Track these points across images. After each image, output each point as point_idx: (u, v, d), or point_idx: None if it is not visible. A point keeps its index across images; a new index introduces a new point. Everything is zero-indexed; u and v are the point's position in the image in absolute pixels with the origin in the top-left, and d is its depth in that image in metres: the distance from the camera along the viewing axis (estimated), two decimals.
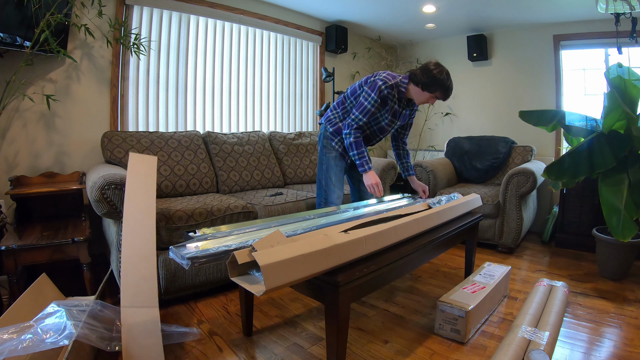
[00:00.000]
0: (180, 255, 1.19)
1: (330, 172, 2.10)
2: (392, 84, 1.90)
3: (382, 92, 1.89)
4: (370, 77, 1.99)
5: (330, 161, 2.11)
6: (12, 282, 1.69)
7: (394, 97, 1.94)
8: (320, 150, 2.17)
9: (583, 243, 2.82)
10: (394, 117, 2.03)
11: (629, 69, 2.24)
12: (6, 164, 2.16)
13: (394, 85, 1.91)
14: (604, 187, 2.14)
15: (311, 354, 1.51)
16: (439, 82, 1.86)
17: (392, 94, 1.92)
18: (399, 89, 1.93)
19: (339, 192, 2.10)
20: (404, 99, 1.98)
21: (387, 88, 1.89)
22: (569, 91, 3.44)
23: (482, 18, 3.47)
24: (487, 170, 3.38)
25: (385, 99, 1.91)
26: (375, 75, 1.96)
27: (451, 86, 1.91)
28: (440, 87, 1.87)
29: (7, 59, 2.05)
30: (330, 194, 2.09)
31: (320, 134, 2.18)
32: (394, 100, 1.95)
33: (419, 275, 2.37)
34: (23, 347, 1.03)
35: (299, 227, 1.52)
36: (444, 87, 1.87)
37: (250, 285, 1.15)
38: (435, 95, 1.90)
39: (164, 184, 2.35)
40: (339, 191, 2.10)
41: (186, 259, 1.15)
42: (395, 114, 2.02)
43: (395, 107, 1.98)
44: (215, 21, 3.03)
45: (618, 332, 1.67)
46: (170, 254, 1.24)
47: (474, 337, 1.61)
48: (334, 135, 2.10)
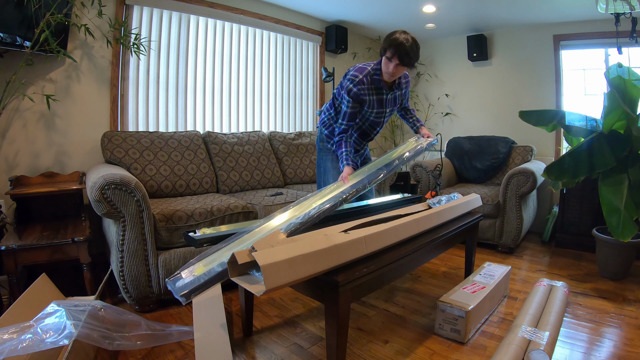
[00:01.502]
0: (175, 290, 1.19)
1: (328, 175, 2.08)
2: (361, 78, 1.80)
3: (351, 91, 1.81)
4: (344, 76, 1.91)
5: (327, 163, 2.08)
6: (12, 282, 1.69)
7: (369, 89, 1.84)
8: (318, 153, 2.16)
9: (583, 243, 2.82)
10: (381, 108, 1.93)
11: (629, 69, 2.24)
12: (6, 164, 2.16)
13: (364, 79, 1.81)
14: (604, 187, 2.14)
15: (311, 354, 1.51)
16: (389, 40, 1.70)
17: (363, 88, 1.82)
18: (373, 78, 1.83)
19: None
20: (383, 84, 1.86)
21: (356, 85, 1.81)
22: (569, 91, 3.44)
23: (482, 18, 3.47)
24: (487, 170, 3.38)
25: (358, 96, 1.82)
26: (346, 75, 1.87)
27: (404, 44, 1.68)
28: (390, 44, 1.69)
29: (7, 59, 2.05)
30: None
31: (317, 137, 2.17)
32: (370, 93, 1.85)
33: (419, 275, 2.37)
34: (23, 347, 1.03)
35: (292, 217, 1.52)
36: (393, 43, 1.68)
37: (250, 285, 1.15)
38: (387, 57, 1.72)
39: (164, 184, 2.35)
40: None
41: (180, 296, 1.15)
42: (381, 103, 1.91)
43: (373, 98, 1.87)
44: (215, 21, 3.03)
45: (618, 332, 1.67)
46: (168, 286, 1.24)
47: (474, 337, 1.61)
48: (329, 137, 2.07)
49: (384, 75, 1.81)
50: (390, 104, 1.97)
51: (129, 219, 1.74)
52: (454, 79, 4.12)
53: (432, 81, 4.28)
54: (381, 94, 1.89)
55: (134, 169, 2.27)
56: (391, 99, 1.95)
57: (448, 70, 4.17)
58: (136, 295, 1.79)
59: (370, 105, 1.89)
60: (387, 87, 1.89)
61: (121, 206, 1.71)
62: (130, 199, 1.72)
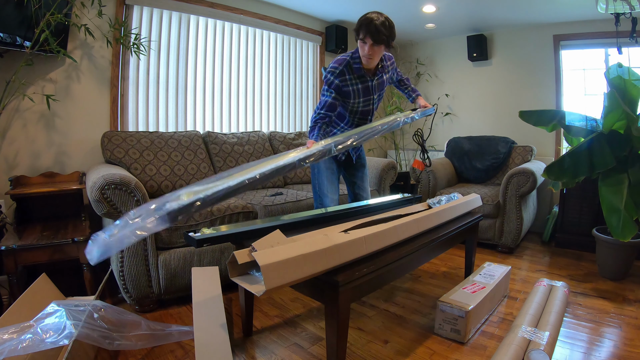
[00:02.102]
0: (163, 214, 1.01)
1: (321, 176, 2.03)
2: (341, 69, 1.79)
3: (332, 83, 1.80)
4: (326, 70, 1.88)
5: (321, 164, 2.03)
6: (12, 282, 1.69)
7: (351, 79, 1.82)
8: None
9: (583, 243, 2.82)
10: (368, 95, 1.90)
11: (629, 69, 2.24)
12: (6, 164, 2.16)
13: (344, 70, 1.80)
14: (604, 187, 2.14)
15: (311, 354, 1.51)
16: (360, 20, 1.70)
17: (345, 79, 1.81)
18: (353, 67, 1.81)
19: (332, 195, 2.02)
20: (365, 72, 1.84)
21: (337, 77, 1.79)
22: (569, 91, 3.44)
23: (482, 18, 3.47)
24: (487, 170, 3.38)
25: (340, 88, 1.81)
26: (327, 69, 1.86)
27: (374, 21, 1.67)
28: (361, 24, 1.70)
29: (7, 59, 2.05)
30: (323, 198, 2.02)
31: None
32: (353, 83, 1.83)
33: (419, 275, 2.37)
34: (23, 347, 1.03)
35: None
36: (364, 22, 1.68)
37: (250, 285, 1.15)
38: (361, 38, 1.72)
39: (164, 184, 2.35)
40: (332, 195, 2.02)
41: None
42: (367, 90, 1.88)
43: (358, 87, 1.85)
44: (215, 21, 3.03)
45: (618, 332, 1.67)
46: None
47: (474, 337, 1.61)
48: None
49: (363, 60, 1.79)
50: (376, 89, 1.94)
51: None
52: (454, 79, 4.12)
53: (432, 81, 4.28)
54: (366, 82, 1.86)
55: (134, 169, 2.27)
56: (377, 84, 1.92)
57: (448, 70, 4.17)
58: (136, 295, 1.79)
59: (356, 96, 1.86)
60: (370, 74, 1.86)
61: (121, 206, 1.71)
62: (130, 199, 1.72)
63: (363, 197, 2.21)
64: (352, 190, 2.23)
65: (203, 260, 1.98)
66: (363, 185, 2.21)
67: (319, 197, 2.05)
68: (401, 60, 4.47)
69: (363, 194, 2.21)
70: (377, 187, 2.99)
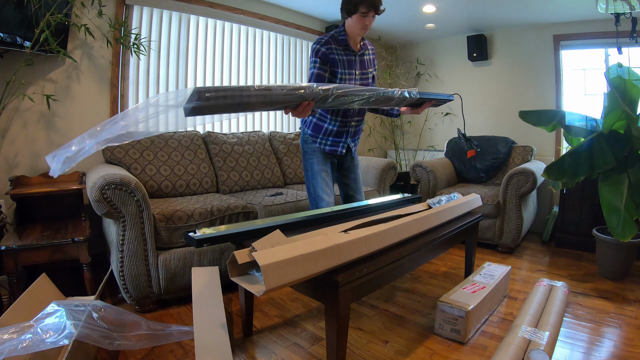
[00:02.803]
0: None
1: (316, 178, 1.98)
2: (327, 39, 1.82)
3: (319, 51, 1.79)
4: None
5: (315, 166, 1.99)
6: (12, 282, 1.69)
7: (336, 49, 1.83)
8: (303, 156, 2.05)
9: (583, 243, 2.82)
10: (351, 69, 1.88)
11: (629, 69, 2.24)
12: (6, 164, 2.16)
13: (330, 39, 1.82)
14: (604, 187, 2.14)
15: (311, 354, 1.51)
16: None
17: (331, 47, 1.81)
18: (339, 39, 1.84)
19: (328, 198, 1.96)
20: (349, 45, 1.86)
21: (324, 45, 1.80)
22: (569, 91, 3.44)
23: (482, 18, 3.47)
24: (487, 170, 3.38)
25: (326, 56, 1.80)
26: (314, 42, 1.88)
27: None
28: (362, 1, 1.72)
29: (7, 59, 2.05)
30: (319, 201, 1.96)
31: (301, 139, 2.07)
32: (338, 53, 1.84)
33: (419, 275, 2.37)
34: (23, 347, 1.03)
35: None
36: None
37: (250, 285, 1.15)
38: (362, 12, 1.74)
39: (164, 184, 2.35)
40: (327, 197, 1.96)
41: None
42: (350, 64, 1.88)
43: (343, 57, 1.85)
44: (215, 21, 3.03)
45: (618, 332, 1.67)
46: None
47: (474, 337, 1.61)
48: (314, 135, 1.99)
49: (357, 32, 1.82)
50: (358, 66, 1.93)
51: (129, 219, 1.74)
52: (454, 79, 4.12)
53: (432, 81, 4.28)
54: (349, 54, 1.88)
55: (134, 169, 2.27)
56: (359, 61, 1.93)
57: (448, 70, 4.17)
58: (136, 295, 1.79)
59: (342, 65, 1.85)
60: (352, 49, 1.88)
61: (121, 206, 1.71)
62: (130, 199, 1.72)
63: (357, 199, 2.16)
64: (345, 192, 2.19)
65: (203, 260, 1.98)
66: (357, 187, 2.16)
67: (314, 201, 1.99)
68: (401, 60, 4.47)
69: (357, 195, 2.16)
70: (377, 187, 2.99)
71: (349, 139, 2.00)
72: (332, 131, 1.94)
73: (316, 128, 1.97)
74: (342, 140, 1.98)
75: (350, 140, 2.02)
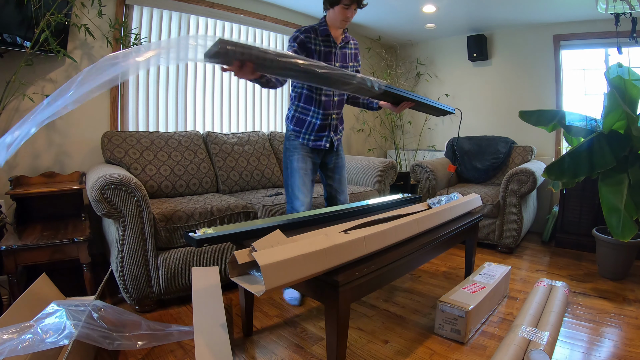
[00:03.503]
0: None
1: (294, 177, 1.92)
2: (307, 28, 1.83)
3: (297, 38, 1.80)
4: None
5: (294, 164, 1.93)
6: (12, 282, 1.69)
7: (315, 39, 1.83)
8: (284, 153, 2.00)
9: (583, 243, 2.82)
10: (329, 61, 1.86)
11: (629, 69, 2.24)
12: (6, 164, 2.16)
13: (310, 29, 1.83)
14: (604, 187, 2.14)
15: (311, 354, 1.51)
16: None
17: (310, 36, 1.81)
18: (319, 29, 1.84)
19: (303, 198, 1.90)
20: (331, 36, 1.86)
21: (303, 33, 1.81)
22: (569, 91, 3.44)
23: (482, 18, 3.47)
24: (487, 170, 3.38)
25: (304, 43, 1.80)
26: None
27: None
28: None
29: (7, 59, 2.05)
30: (294, 201, 1.90)
31: (285, 136, 2.03)
32: (317, 43, 1.83)
33: (419, 275, 2.37)
34: (23, 347, 1.03)
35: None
36: None
37: (250, 285, 1.15)
38: (344, 4, 1.74)
39: (164, 184, 2.35)
40: (303, 197, 1.90)
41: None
42: (329, 56, 1.87)
43: (321, 48, 1.84)
44: (215, 21, 3.03)
45: (618, 332, 1.67)
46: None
47: (474, 337, 1.61)
48: (296, 131, 1.94)
49: (339, 23, 1.82)
50: (338, 59, 1.91)
51: (129, 219, 1.74)
52: (454, 79, 4.12)
53: (432, 81, 4.28)
54: (329, 46, 1.87)
55: (134, 169, 2.27)
56: (339, 54, 1.91)
57: (448, 70, 4.17)
58: (136, 295, 1.79)
59: (317, 57, 1.83)
60: (334, 40, 1.88)
61: (121, 206, 1.71)
62: (130, 199, 1.72)
63: (340, 201, 2.10)
64: (328, 193, 2.13)
65: (203, 260, 1.98)
66: (341, 189, 2.11)
67: (289, 199, 1.94)
68: (401, 60, 4.48)
69: (340, 197, 2.10)
70: (377, 187, 2.99)
71: (331, 133, 1.97)
72: (315, 125, 1.92)
73: (300, 122, 1.94)
74: (325, 135, 1.95)
75: (333, 134, 1.98)
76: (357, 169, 3.14)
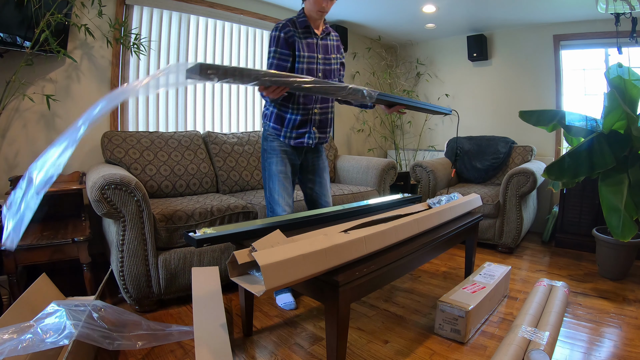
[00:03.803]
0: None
1: (273, 181, 1.85)
2: (285, 23, 1.76)
3: (279, 39, 1.72)
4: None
5: (272, 167, 1.85)
6: (12, 282, 1.69)
7: (296, 32, 1.76)
8: (262, 154, 1.92)
9: (583, 243, 2.82)
10: (312, 52, 1.80)
11: (629, 69, 2.24)
12: (6, 164, 2.16)
13: (288, 23, 1.76)
14: (604, 187, 2.14)
15: (311, 354, 1.51)
16: None
17: (290, 30, 1.75)
18: (298, 21, 1.78)
19: (284, 203, 1.83)
20: (311, 27, 1.80)
21: (282, 30, 1.73)
22: (569, 91, 3.44)
23: (482, 18, 3.47)
24: (487, 170, 3.39)
25: (286, 41, 1.73)
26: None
27: None
28: None
29: (7, 59, 2.05)
30: (274, 206, 1.83)
31: (262, 136, 1.94)
32: (297, 35, 1.76)
33: (419, 275, 2.37)
34: (23, 347, 1.03)
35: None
36: None
37: (250, 285, 1.15)
38: None
39: (164, 184, 2.35)
40: (284, 202, 1.83)
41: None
42: (311, 47, 1.80)
43: (303, 41, 1.78)
44: (215, 21, 3.03)
45: (618, 332, 1.67)
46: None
47: (474, 337, 1.61)
48: (276, 129, 1.85)
49: (315, 14, 1.77)
50: (321, 50, 1.84)
51: (129, 219, 1.74)
52: (454, 79, 4.12)
53: (432, 81, 4.28)
54: (310, 37, 1.81)
55: (134, 169, 2.27)
56: (321, 45, 1.85)
57: (448, 70, 4.17)
58: (136, 295, 1.79)
59: (301, 48, 1.77)
60: (313, 31, 1.82)
61: (121, 206, 1.71)
62: (130, 199, 1.72)
63: (322, 205, 2.01)
64: (309, 196, 2.05)
65: (203, 260, 1.98)
66: (322, 192, 2.02)
67: (269, 205, 1.87)
68: (401, 60, 4.47)
69: (321, 200, 2.01)
70: (377, 187, 2.99)
71: (314, 129, 1.87)
72: (295, 121, 1.82)
73: (279, 120, 1.85)
74: (307, 131, 1.85)
75: (316, 130, 1.88)
76: (357, 169, 3.14)
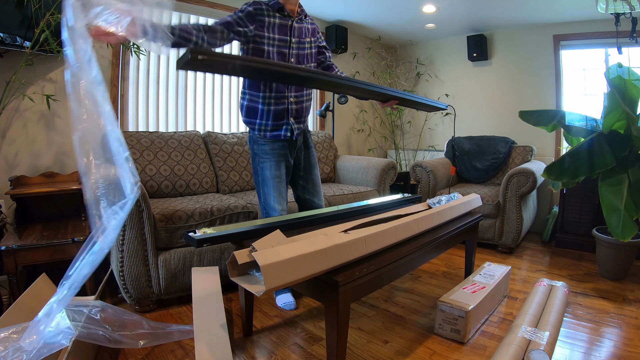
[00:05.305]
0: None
1: (267, 186, 1.78)
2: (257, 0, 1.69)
3: (244, 10, 1.65)
4: None
5: (266, 172, 1.78)
6: (12, 282, 1.69)
7: (267, 10, 1.69)
8: (252, 158, 1.84)
9: (583, 243, 2.82)
10: (285, 35, 1.72)
11: (629, 69, 2.24)
12: (6, 164, 2.16)
13: (260, 1, 1.69)
14: (604, 187, 2.14)
15: (311, 354, 1.51)
16: None
17: (262, 9, 1.67)
18: (271, 3, 1.70)
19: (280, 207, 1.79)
20: (285, 9, 1.71)
21: (251, 5, 1.66)
22: (569, 91, 3.44)
23: (482, 18, 3.48)
24: (487, 170, 3.38)
25: (251, 15, 1.65)
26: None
27: None
28: None
29: (7, 59, 2.05)
30: (270, 212, 1.79)
31: (249, 138, 1.86)
32: (269, 15, 1.69)
33: (419, 275, 2.37)
34: (23, 347, 1.03)
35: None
36: None
37: (250, 285, 1.15)
38: None
39: (164, 184, 2.35)
40: (280, 207, 1.79)
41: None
42: (285, 29, 1.72)
43: (275, 21, 1.69)
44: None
45: (618, 332, 1.67)
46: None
47: (474, 337, 1.61)
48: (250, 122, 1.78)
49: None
50: (295, 33, 1.75)
51: (129, 219, 1.74)
52: (453, 79, 4.12)
53: (432, 81, 4.28)
54: (284, 18, 1.72)
55: None
56: (297, 28, 1.75)
57: (448, 70, 4.17)
58: (136, 295, 1.79)
59: (270, 30, 1.68)
60: (288, 13, 1.73)
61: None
62: None
63: (315, 204, 1.95)
64: (302, 196, 1.99)
65: (203, 260, 1.98)
66: (314, 189, 1.96)
67: (265, 211, 1.82)
68: (401, 60, 4.47)
69: (314, 199, 1.96)
70: (377, 187, 2.99)
71: (291, 120, 1.77)
72: (269, 112, 1.73)
73: (250, 112, 1.76)
74: (284, 122, 1.76)
75: (294, 122, 1.78)
76: (357, 169, 3.14)
